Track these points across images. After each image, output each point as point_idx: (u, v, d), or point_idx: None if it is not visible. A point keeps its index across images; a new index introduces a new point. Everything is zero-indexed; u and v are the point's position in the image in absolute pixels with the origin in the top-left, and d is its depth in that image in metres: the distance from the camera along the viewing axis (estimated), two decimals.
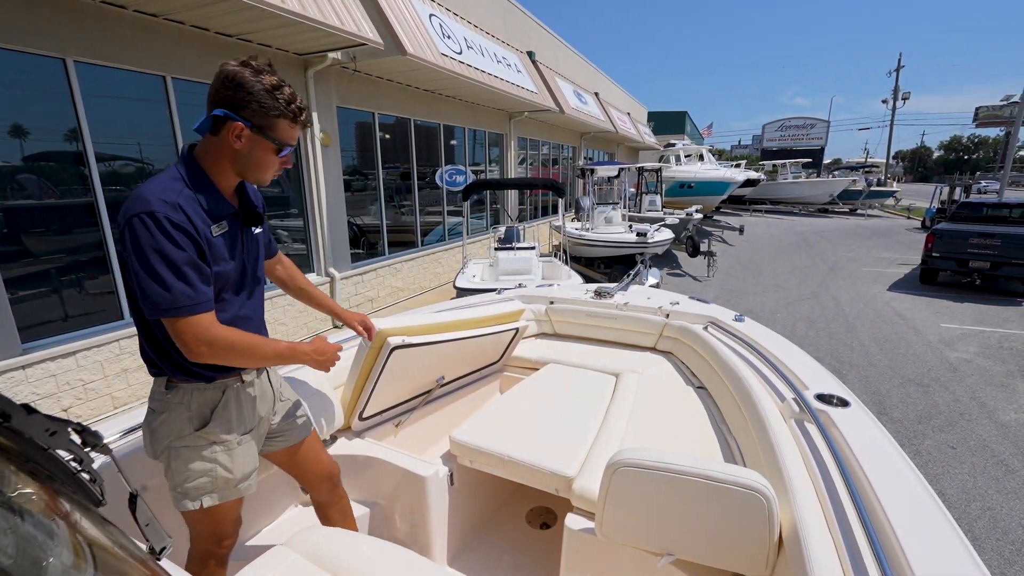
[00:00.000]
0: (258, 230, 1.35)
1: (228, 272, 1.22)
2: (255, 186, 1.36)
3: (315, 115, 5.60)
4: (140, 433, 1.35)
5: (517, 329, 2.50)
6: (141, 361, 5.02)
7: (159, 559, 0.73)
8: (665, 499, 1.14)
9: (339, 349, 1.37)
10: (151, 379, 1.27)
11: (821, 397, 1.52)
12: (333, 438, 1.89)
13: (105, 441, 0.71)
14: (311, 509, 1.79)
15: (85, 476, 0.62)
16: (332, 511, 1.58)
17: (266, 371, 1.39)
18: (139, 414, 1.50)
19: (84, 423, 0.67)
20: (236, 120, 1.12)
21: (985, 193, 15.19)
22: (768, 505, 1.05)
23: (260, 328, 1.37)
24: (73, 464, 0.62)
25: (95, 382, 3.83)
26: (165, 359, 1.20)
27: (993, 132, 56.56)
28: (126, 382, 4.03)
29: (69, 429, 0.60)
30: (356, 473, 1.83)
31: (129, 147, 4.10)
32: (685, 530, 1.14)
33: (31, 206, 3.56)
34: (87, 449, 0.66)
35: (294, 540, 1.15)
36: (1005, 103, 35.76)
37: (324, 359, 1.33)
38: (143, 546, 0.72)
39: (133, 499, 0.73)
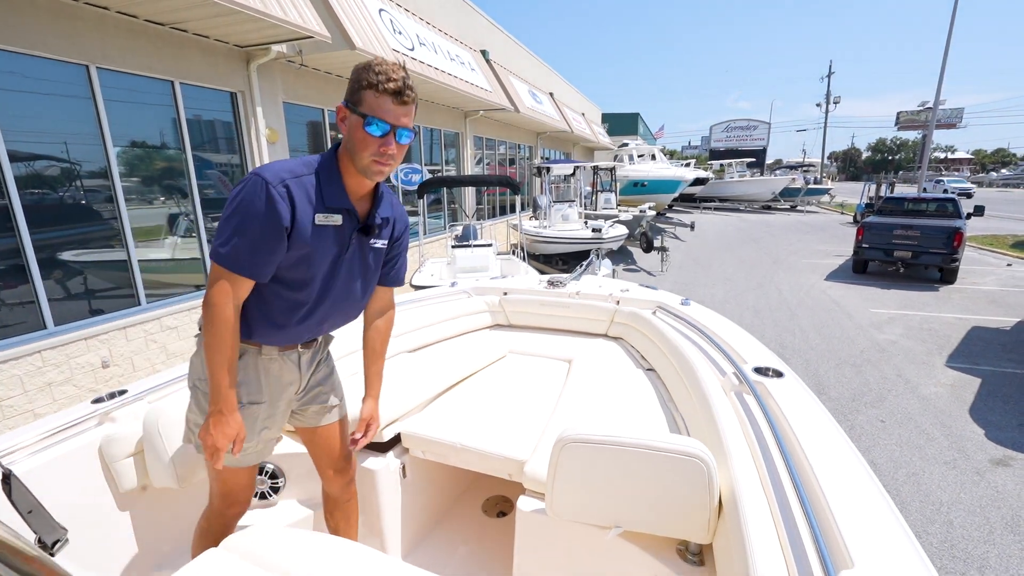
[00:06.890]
0: (378, 244, 1.30)
1: (311, 258, 1.16)
2: (401, 209, 1.37)
3: (259, 110, 5.36)
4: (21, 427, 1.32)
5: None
6: (67, 375, 4.56)
7: (52, 554, 0.63)
8: (611, 471, 1.16)
9: (235, 440, 1.15)
10: (77, 393, 1.18)
11: (758, 370, 1.61)
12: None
13: None
14: (260, 512, 1.71)
15: None
16: (337, 511, 1.51)
17: (299, 354, 1.30)
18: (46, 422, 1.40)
19: None
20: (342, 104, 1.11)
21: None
22: (707, 470, 1.09)
23: (313, 331, 1.28)
24: None
25: (14, 398, 3.50)
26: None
27: (913, 135, 61.59)
28: (50, 396, 3.70)
29: None
30: (303, 471, 1.76)
31: (51, 145, 3.77)
32: (631, 501, 1.17)
33: None
34: None
35: (230, 541, 1.09)
36: (922, 108, 39.10)
37: (208, 441, 1.12)
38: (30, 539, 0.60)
39: (7, 480, 0.61)
